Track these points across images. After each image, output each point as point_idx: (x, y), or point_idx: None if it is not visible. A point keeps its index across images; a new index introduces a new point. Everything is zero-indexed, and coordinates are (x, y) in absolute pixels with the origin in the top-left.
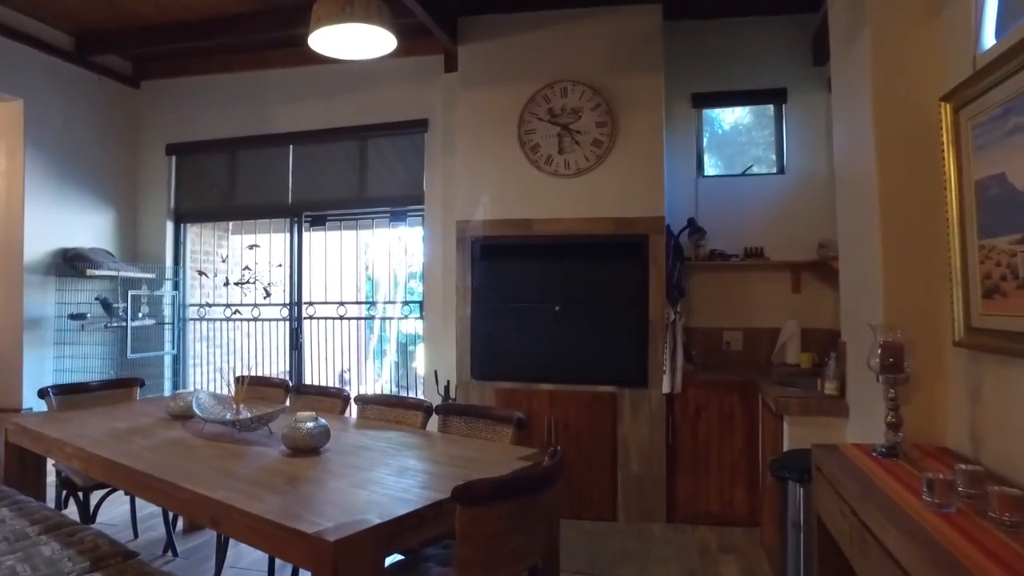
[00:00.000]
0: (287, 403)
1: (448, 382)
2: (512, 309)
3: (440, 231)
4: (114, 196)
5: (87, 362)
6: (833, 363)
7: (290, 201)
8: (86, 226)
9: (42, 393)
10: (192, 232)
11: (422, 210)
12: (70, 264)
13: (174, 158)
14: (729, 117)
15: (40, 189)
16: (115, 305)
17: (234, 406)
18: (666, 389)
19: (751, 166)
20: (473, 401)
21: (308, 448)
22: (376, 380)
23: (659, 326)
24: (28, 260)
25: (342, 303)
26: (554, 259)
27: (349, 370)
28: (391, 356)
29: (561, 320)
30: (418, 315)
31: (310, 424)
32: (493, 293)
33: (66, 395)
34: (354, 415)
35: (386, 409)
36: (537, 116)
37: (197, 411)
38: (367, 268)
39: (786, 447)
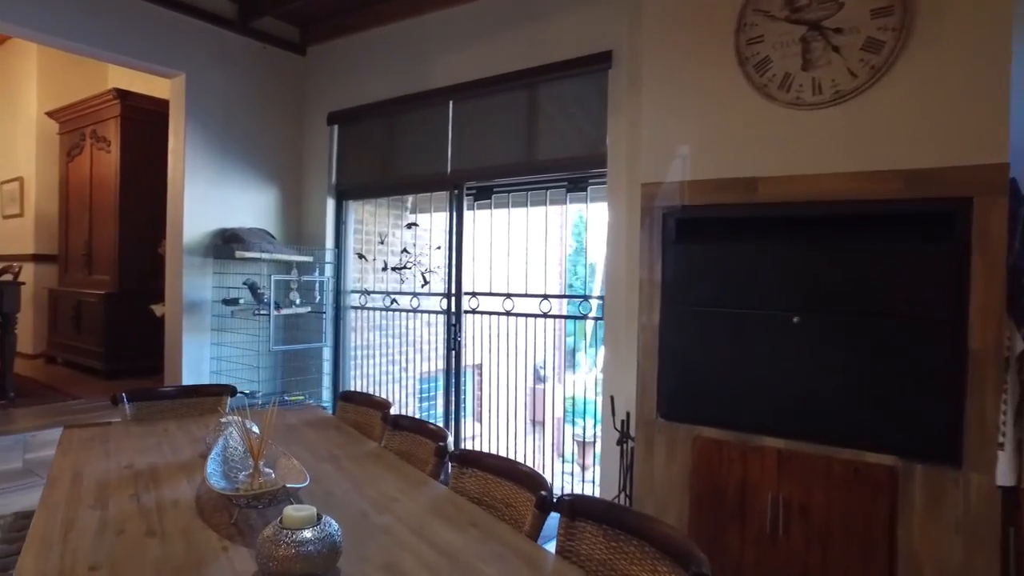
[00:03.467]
0: (383, 440)
1: (628, 415)
2: (722, 317)
3: (625, 201)
4: (277, 172)
5: (235, 351)
6: None
7: (449, 169)
8: (247, 205)
9: (115, 399)
10: (355, 210)
11: (605, 175)
12: (227, 245)
13: (336, 128)
14: None
15: (201, 167)
16: (260, 290)
17: (252, 463)
18: (1005, 479)
19: None
20: (659, 453)
21: None
22: (583, 374)
23: (990, 359)
24: (188, 241)
25: (508, 295)
26: (792, 240)
27: (544, 366)
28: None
29: (802, 338)
30: (598, 315)
31: (308, 534)
32: (693, 291)
33: (142, 402)
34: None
35: (491, 481)
36: (767, 13)
37: (209, 465)
38: (583, 253)
39: None
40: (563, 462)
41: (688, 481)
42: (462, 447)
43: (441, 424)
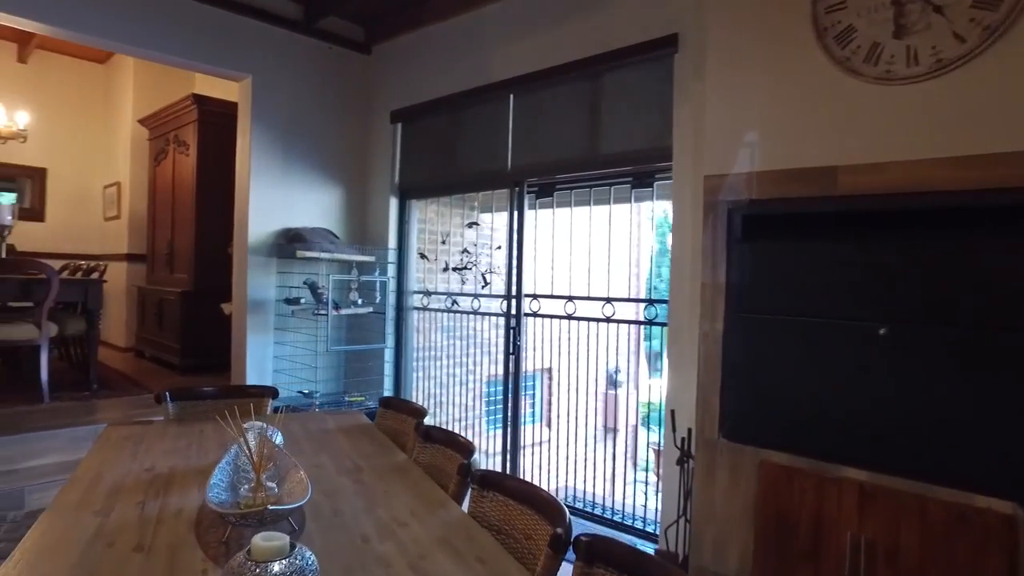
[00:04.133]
0: (414, 451)
1: (689, 432)
2: (794, 326)
3: (690, 196)
4: (341, 172)
5: (296, 350)
6: None
7: (510, 166)
8: (312, 205)
9: (158, 398)
10: (419, 209)
11: (670, 169)
12: (289, 245)
13: (399, 126)
14: None
15: (266, 167)
16: (320, 290)
17: (254, 475)
18: None
19: None
20: (720, 477)
21: None
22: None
23: None
24: (252, 240)
25: (570, 298)
26: (878, 239)
27: (619, 371)
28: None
29: (891, 353)
30: (662, 320)
31: (276, 568)
32: (761, 297)
33: (184, 401)
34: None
35: (512, 507)
36: None
37: (215, 475)
38: (666, 254)
39: None
40: (637, 471)
41: (753, 511)
42: (521, 456)
43: (501, 430)
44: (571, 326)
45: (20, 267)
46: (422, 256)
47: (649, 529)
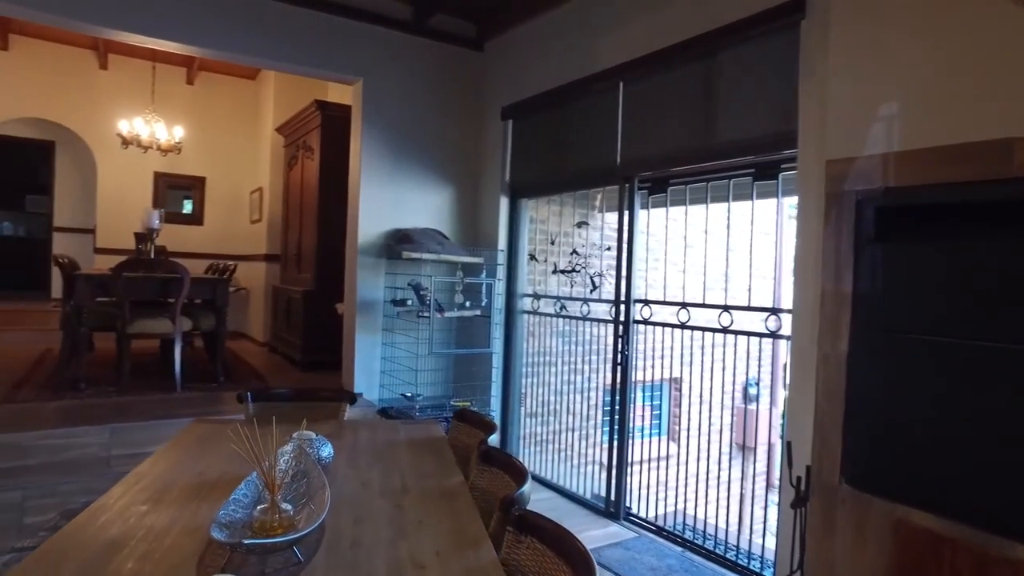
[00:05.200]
0: (473, 473)
1: (807, 470)
2: (944, 350)
3: (815, 187)
4: (452, 172)
5: (402, 352)
6: None
7: (619, 160)
8: (422, 205)
9: (240, 398)
10: (532, 208)
11: (796, 158)
12: (397, 245)
13: (510, 123)
14: None
15: (376, 168)
16: (423, 292)
17: (269, 496)
18: None
19: None
20: (842, 532)
21: None
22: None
23: None
24: (363, 241)
25: (684, 305)
26: None
27: (757, 384)
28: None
29: None
30: (786, 334)
31: None
32: (900, 311)
33: (263, 402)
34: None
35: (549, 559)
36: None
37: (238, 490)
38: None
39: None
40: (770, 492)
41: None
42: (629, 472)
43: (606, 445)
44: (689, 335)
45: (162, 267)
46: (532, 258)
47: (767, 574)
